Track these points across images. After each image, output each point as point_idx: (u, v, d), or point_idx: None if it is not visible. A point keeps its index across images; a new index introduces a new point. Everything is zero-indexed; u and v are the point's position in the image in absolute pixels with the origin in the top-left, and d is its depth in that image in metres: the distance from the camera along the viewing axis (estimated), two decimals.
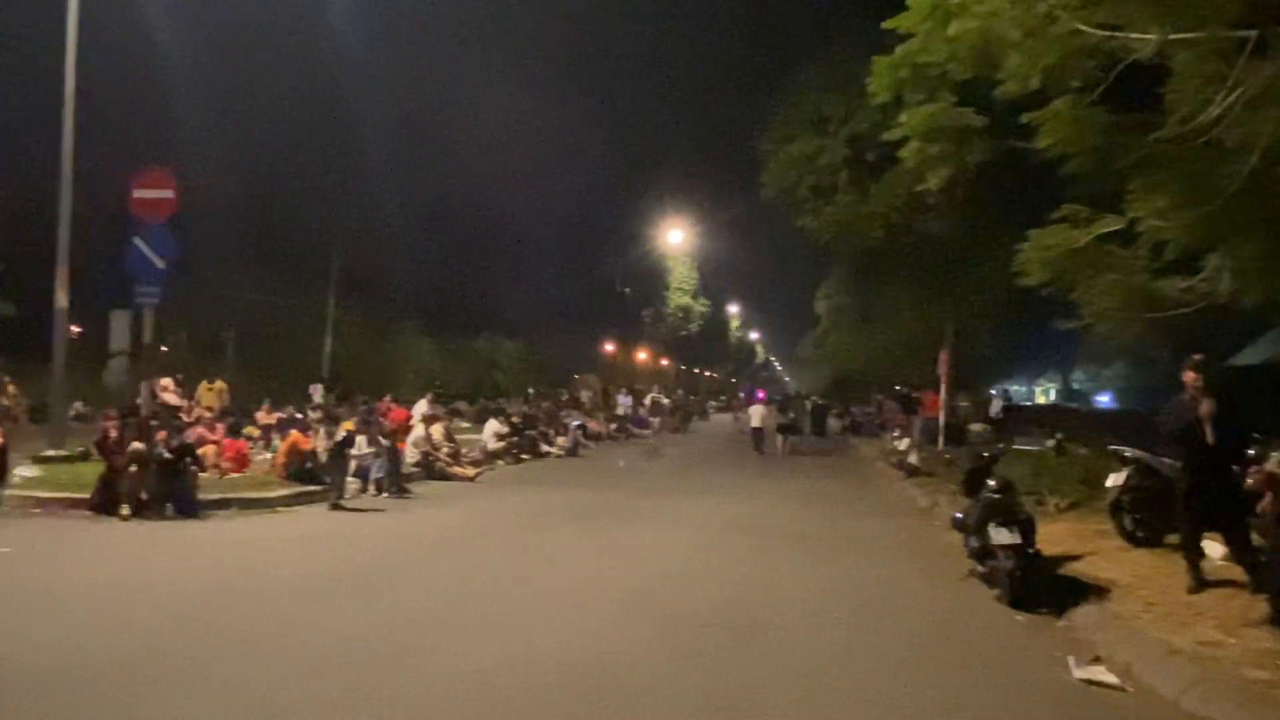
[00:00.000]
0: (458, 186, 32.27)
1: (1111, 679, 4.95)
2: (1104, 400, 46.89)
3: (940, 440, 18.68)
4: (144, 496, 9.10)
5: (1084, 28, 5.50)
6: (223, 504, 9.85)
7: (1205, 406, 6.01)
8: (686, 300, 48.97)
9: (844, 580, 7.42)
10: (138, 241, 11.66)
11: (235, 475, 11.52)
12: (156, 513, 9.09)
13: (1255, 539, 6.31)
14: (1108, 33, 5.52)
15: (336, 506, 10.40)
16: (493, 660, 4.94)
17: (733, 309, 72.63)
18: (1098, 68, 6.00)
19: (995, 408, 23.78)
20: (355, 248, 28.39)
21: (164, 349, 16.51)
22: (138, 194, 11.77)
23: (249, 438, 14.25)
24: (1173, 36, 5.40)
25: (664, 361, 58.15)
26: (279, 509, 10.19)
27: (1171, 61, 5.94)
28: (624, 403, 28.88)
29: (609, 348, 45.64)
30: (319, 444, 12.38)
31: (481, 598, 6.51)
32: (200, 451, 10.95)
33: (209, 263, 23.36)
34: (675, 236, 40.77)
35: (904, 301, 23.20)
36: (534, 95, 35.80)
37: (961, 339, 21.84)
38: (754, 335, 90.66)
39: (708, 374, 75.11)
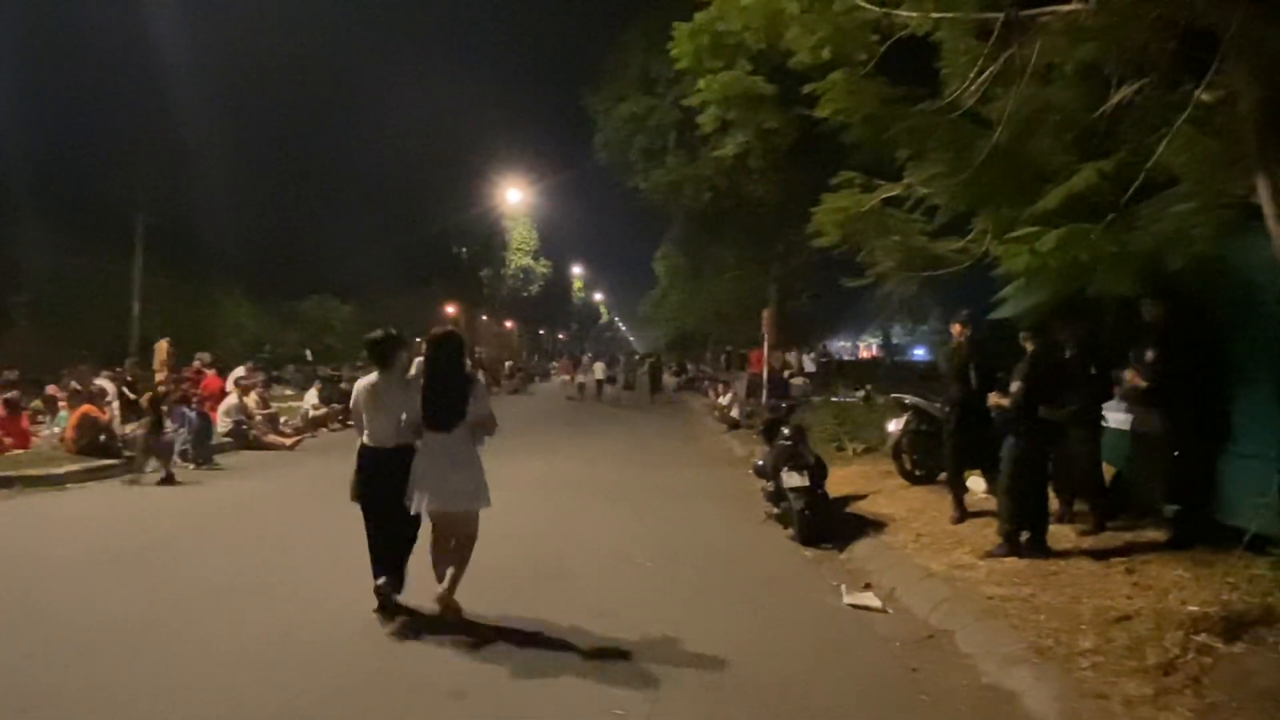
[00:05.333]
0: (285, 143, 30.41)
1: (875, 602, 5.51)
2: (919, 353, 50.44)
3: (764, 394, 19.61)
4: None
5: (861, 3, 5.77)
6: (4, 483, 9.11)
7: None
8: (526, 261, 48.55)
9: (652, 528, 7.77)
10: None
11: (18, 451, 10.61)
12: None
13: None
14: (883, 9, 5.83)
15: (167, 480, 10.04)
16: (281, 625, 4.92)
17: (576, 270, 72.77)
18: (880, 42, 6.30)
19: (809, 364, 25.11)
20: (168, 205, 26.22)
21: None
22: None
23: (38, 411, 13.13)
24: (934, 15, 5.77)
25: (508, 324, 57.60)
26: (69, 486, 9.53)
27: (938, 38, 6.37)
28: None
29: (450, 310, 44.69)
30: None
31: (274, 567, 6.33)
32: None
33: None
34: (514, 196, 40.23)
35: (732, 262, 24.02)
36: (365, 49, 34.15)
37: (785, 297, 22.92)
38: (598, 296, 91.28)
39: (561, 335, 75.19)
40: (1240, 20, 4.34)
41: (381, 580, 5.00)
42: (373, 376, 5.21)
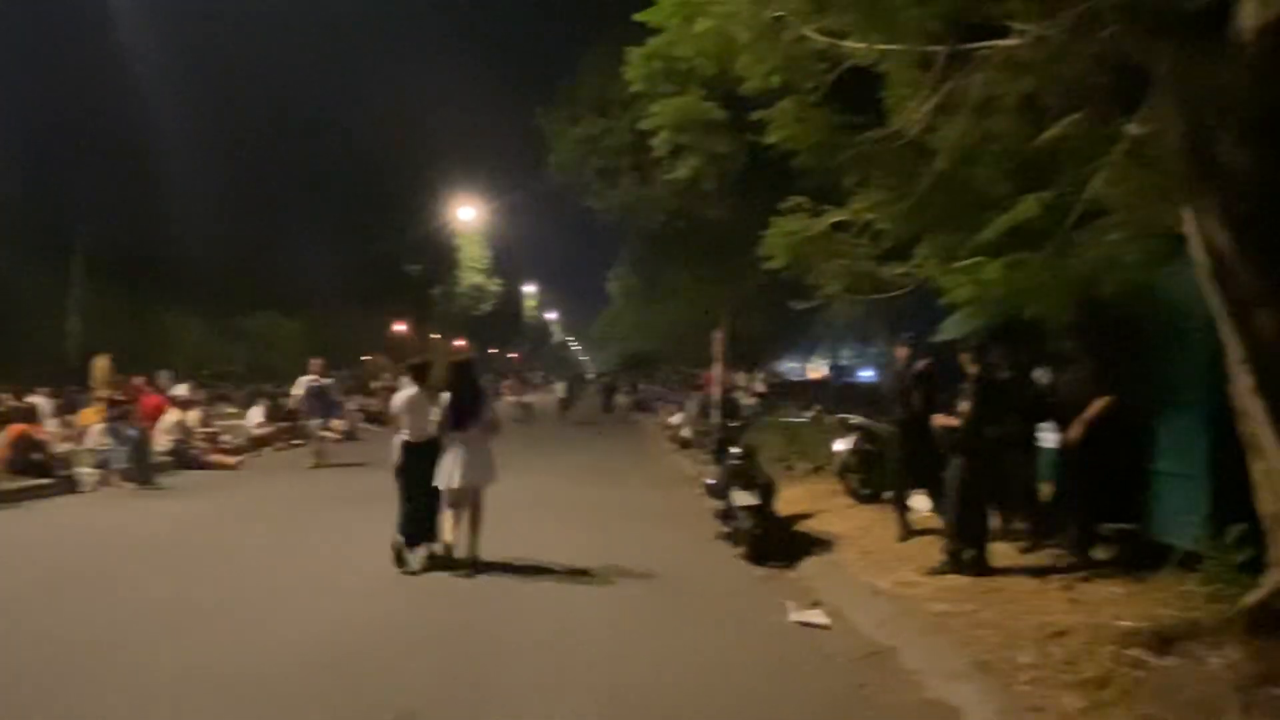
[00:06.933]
0: (234, 157, 29.79)
1: (822, 619, 5.58)
2: (867, 375, 51.14)
3: (716, 415, 19.71)
4: None
5: (810, 34, 5.90)
6: None
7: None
8: (479, 279, 48.19)
9: (605, 547, 7.74)
10: None
11: None
12: None
13: None
14: (830, 40, 5.96)
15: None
16: (223, 648, 4.81)
17: (529, 289, 72.49)
18: (827, 71, 6.44)
19: (759, 384, 25.34)
20: (111, 218, 25.46)
21: None
22: None
23: None
24: (879, 47, 5.93)
25: (459, 342, 57.09)
26: (0, 506, 9.18)
27: (883, 69, 6.54)
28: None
29: (401, 327, 44.11)
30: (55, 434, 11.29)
31: (214, 590, 6.15)
32: None
33: None
34: (466, 213, 39.95)
35: (685, 283, 24.19)
36: (317, 65, 33.70)
37: (737, 319, 23.11)
38: (551, 315, 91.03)
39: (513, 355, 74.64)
40: (1170, 59, 4.57)
41: (400, 539, 6.82)
42: (412, 389, 7.14)
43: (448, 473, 6.72)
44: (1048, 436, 6.90)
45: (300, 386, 13.92)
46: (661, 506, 10.41)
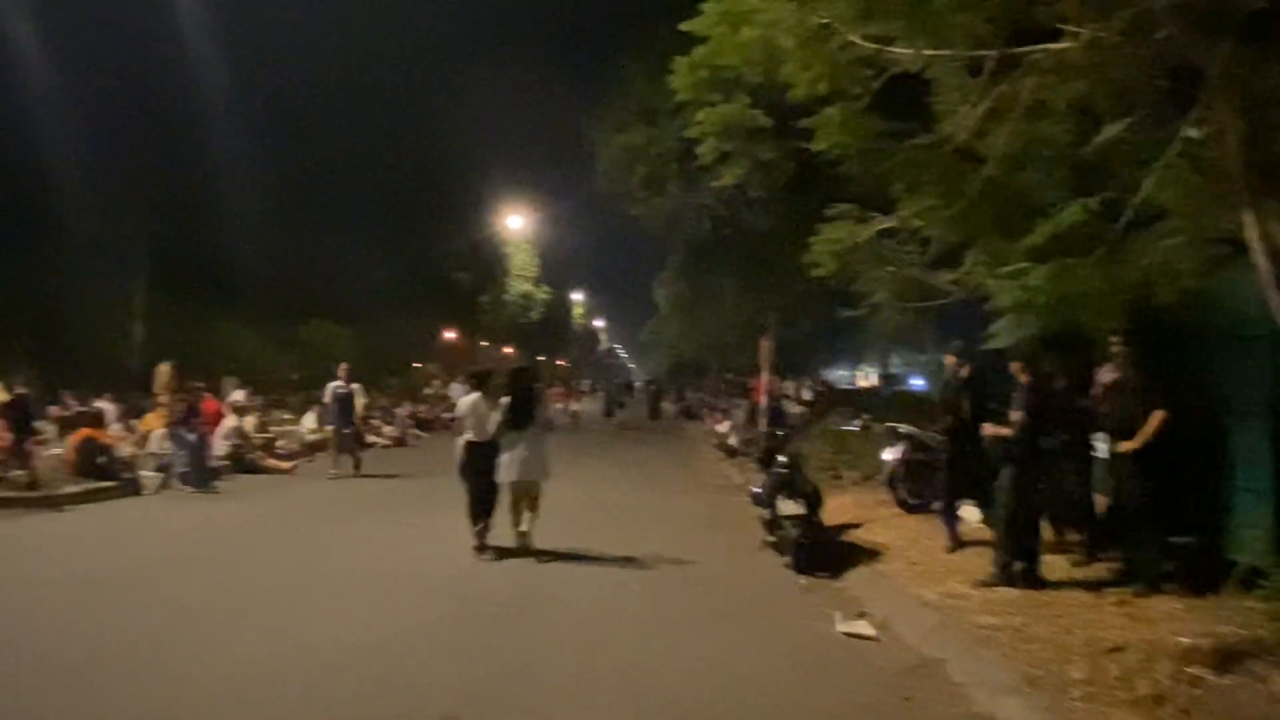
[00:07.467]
0: (287, 166, 30.52)
1: (869, 630, 5.51)
2: (918, 383, 50.29)
3: (763, 423, 19.60)
4: None
5: (856, 40, 5.88)
6: (3, 504, 9.14)
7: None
8: (527, 287, 48.63)
9: (648, 552, 7.73)
10: None
11: (19, 473, 10.60)
12: None
13: None
14: (877, 46, 5.93)
15: None
16: (271, 650, 4.91)
17: (577, 296, 72.92)
18: (874, 77, 6.41)
19: (806, 392, 25.10)
20: (170, 227, 26.24)
21: None
22: None
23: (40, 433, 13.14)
24: (927, 52, 5.88)
25: (506, 349, 57.61)
26: (66, 507, 9.52)
27: (931, 74, 6.48)
28: (457, 391, 28.34)
29: (450, 335, 44.67)
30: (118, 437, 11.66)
31: (268, 590, 6.29)
32: None
33: None
34: (515, 222, 40.43)
35: (732, 290, 24.10)
36: (369, 76, 34.38)
37: (784, 326, 22.96)
38: (598, 323, 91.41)
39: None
40: (1225, 59, 4.45)
41: (480, 526, 7.56)
42: (475, 395, 7.78)
43: (508, 469, 7.45)
44: (1101, 447, 6.74)
45: (327, 393, 13.91)
46: (706, 513, 10.39)
